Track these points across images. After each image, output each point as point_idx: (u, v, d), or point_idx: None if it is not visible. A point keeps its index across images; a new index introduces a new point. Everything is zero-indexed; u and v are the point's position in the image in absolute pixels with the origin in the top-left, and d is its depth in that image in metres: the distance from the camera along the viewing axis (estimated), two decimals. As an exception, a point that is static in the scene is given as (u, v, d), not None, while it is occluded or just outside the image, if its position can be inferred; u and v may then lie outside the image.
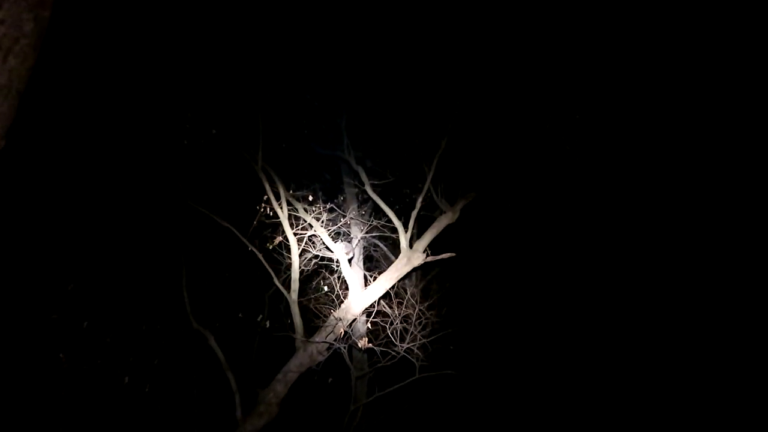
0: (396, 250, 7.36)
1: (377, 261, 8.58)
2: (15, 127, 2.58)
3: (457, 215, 7.05)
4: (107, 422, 7.37)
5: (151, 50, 6.99)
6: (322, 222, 7.22)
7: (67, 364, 7.22)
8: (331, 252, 7.15)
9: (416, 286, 7.64)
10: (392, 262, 7.00)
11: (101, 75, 7.08)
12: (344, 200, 8.35)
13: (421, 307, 7.05)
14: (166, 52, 7.01)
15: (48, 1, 2.56)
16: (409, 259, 6.72)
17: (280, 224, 7.03)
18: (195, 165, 7.44)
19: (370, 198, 7.49)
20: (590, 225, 9.35)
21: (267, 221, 7.26)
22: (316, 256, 7.35)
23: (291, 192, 7.27)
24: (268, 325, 7.37)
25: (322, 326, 6.64)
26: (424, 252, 6.77)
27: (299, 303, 6.80)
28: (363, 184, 7.37)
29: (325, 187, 8.15)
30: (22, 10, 2.44)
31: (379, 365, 6.97)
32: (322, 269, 7.62)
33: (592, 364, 9.63)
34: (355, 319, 6.85)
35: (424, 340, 6.92)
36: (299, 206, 7.19)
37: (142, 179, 7.47)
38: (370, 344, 6.79)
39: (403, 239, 6.82)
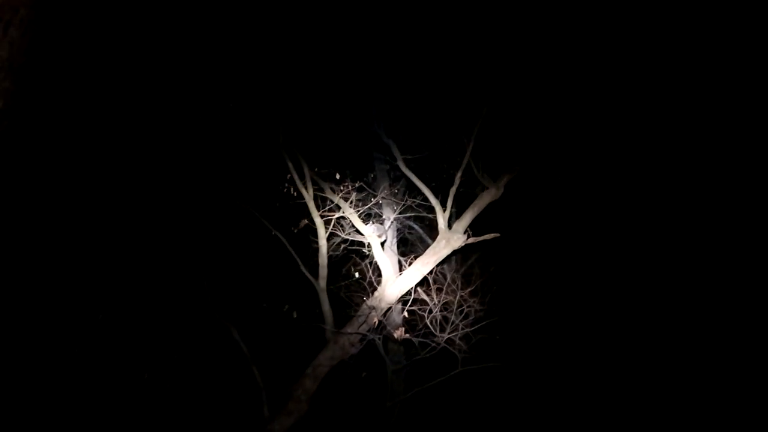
0: (433, 231, 7.31)
1: (412, 244, 8.56)
2: (19, 104, 2.61)
3: (501, 192, 6.96)
4: (127, 420, 7.57)
5: (171, 25, 7.04)
6: (351, 202, 7.21)
7: (82, 359, 7.42)
8: (362, 235, 7.15)
9: (457, 271, 7.60)
10: (429, 245, 6.97)
11: (111, 62, 7.16)
12: (375, 178, 8.33)
13: (463, 294, 7.02)
14: (187, 27, 7.05)
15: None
16: (447, 241, 6.67)
17: (305, 206, 7.05)
18: (212, 145, 7.49)
19: (403, 175, 7.44)
20: (646, 202, 9.33)
21: (291, 203, 7.29)
22: (346, 240, 7.36)
23: (316, 170, 7.27)
24: (295, 316, 7.42)
25: (353, 316, 6.66)
26: (464, 233, 6.71)
27: (328, 291, 6.85)
28: (395, 160, 7.32)
29: (353, 164, 8.11)
30: (21, -23, 2.45)
31: (418, 358, 7.00)
32: (352, 254, 7.64)
33: (652, 353, 9.58)
34: (389, 308, 6.86)
35: (466, 330, 6.91)
36: (325, 186, 7.19)
37: (157, 164, 7.56)
38: (407, 335, 6.81)
39: (441, 219, 6.76)
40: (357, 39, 7.42)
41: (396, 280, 6.72)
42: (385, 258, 6.94)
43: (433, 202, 6.91)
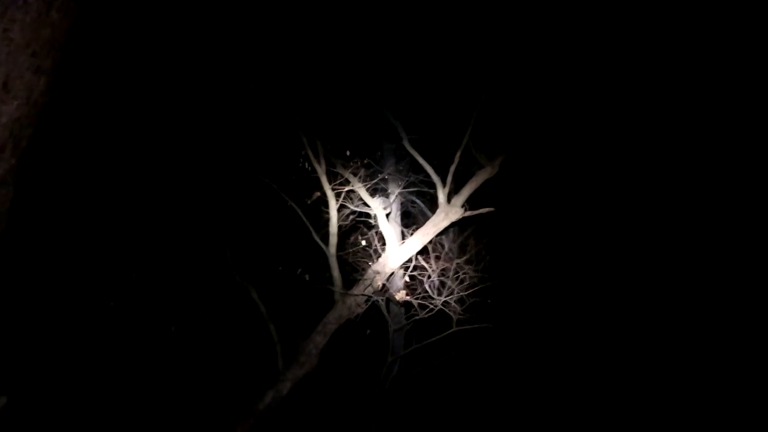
0: (434, 206, 7.35)
1: (414, 217, 8.60)
2: (59, 86, 2.66)
3: (496, 170, 6.96)
4: (154, 369, 7.74)
5: (187, 13, 7.03)
6: (360, 177, 7.25)
7: (116, 312, 7.57)
8: (369, 207, 7.20)
9: (454, 242, 7.65)
10: (429, 218, 7.01)
11: (133, 43, 7.16)
12: (382, 155, 8.34)
13: (459, 262, 7.09)
14: (203, 15, 7.04)
15: (87, -45, 2.60)
16: (446, 213, 6.72)
17: (318, 179, 7.10)
18: (234, 122, 7.53)
19: (408, 153, 7.46)
20: (636, 184, 9.20)
21: (305, 177, 7.34)
22: (354, 212, 7.41)
23: (329, 147, 7.30)
24: (307, 278, 7.53)
25: (360, 279, 6.73)
26: (462, 207, 6.74)
27: (338, 257, 6.91)
28: (401, 140, 7.34)
29: (362, 143, 8.14)
30: (62, -35, 2.48)
31: (417, 318, 7.08)
32: (359, 224, 7.70)
33: (635, 320, 9.57)
34: (392, 273, 6.92)
35: (461, 294, 6.98)
36: (337, 162, 7.23)
37: (183, 138, 7.61)
38: (408, 297, 6.90)
39: (441, 194, 6.80)
40: (368, 30, 7.40)
41: (399, 249, 6.79)
42: (390, 228, 7.00)
43: (434, 178, 6.93)
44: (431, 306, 6.92)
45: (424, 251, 6.97)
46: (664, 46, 7.28)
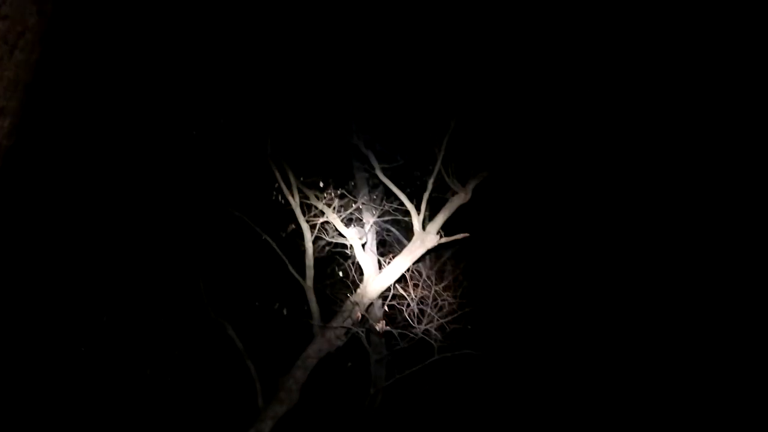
0: (409, 233, 7.34)
1: (390, 245, 8.56)
2: (24, 123, 2.58)
3: (469, 195, 7.01)
4: (130, 414, 7.47)
5: (158, 45, 6.99)
6: (334, 208, 7.23)
7: (88, 357, 7.32)
8: (344, 238, 7.16)
9: (431, 268, 7.62)
10: (405, 246, 6.99)
11: (107, 71, 7.10)
12: (355, 185, 8.32)
13: (437, 288, 7.05)
14: (174, 47, 7.01)
15: (50, -6, 2.56)
16: (422, 241, 6.71)
17: (292, 212, 7.04)
18: (205, 156, 7.46)
19: (380, 182, 7.47)
20: (608, 201, 9.27)
21: (279, 209, 7.28)
22: (330, 243, 7.37)
23: (301, 179, 7.27)
24: (285, 313, 7.40)
25: (338, 311, 6.66)
26: (437, 233, 6.75)
27: (315, 289, 6.83)
28: (373, 169, 7.35)
29: (335, 173, 8.12)
30: (25, 5, 2.43)
31: (398, 348, 7.00)
32: (336, 255, 7.64)
33: (612, 346, 9.56)
34: (371, 303, 6.86)
35: (441, 321, 6.93)
36: (310, 193, 7.20)
37: (153, 173, 7.50)
38: (388, 327, 6.82)
39: (416, 221, 6.80)
40: (335, 58, 7.44)
41: (376, 278, 6.74)
42: (366, 258, 6.96)
43: (409, 206, 6.94)
44: (412, 335, 6.85)
45: (401, 279, 6.92)
46: (640, 75, 7.38)
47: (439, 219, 6.90)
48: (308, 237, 6.93)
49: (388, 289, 6.83)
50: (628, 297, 9.64)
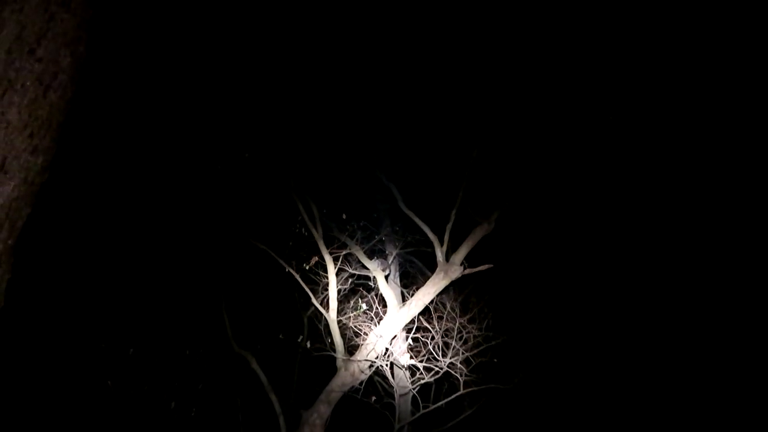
0: (432, 265, 7.30)
1: (413, 277, 8.52)
2: (57, 159, 2.65)
3: (492, 226, 6.96)
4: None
5: (187, 79, 7.17)
6: (357, 240, 7.24)
7: (114, 390, 7.34)
8: (367, 270, 7.14)
9: (455, 300, 7.54)
10: (429, 277, 6.94)
11: (137, 103, 7.27)
12: (377, 217, 8.35)
13: (462, 321, 6.97)
14: (202, 82, 7.18)
15: (83, 37, 2.64)
16: (446, 272, 6.66)
17: (315, 244, 7.07)
18: (229, 190, 7.56)
19: (403, 214, 7.47)
20: (634, 229, 9.19)
21: (302, 242, 7.31)
22: (353, 275, 7.35)
23: (324, 212, 7.31)
24: (308, 346, 7.37)
25: (362, 344, 6.60)
26: (461, 265, 6.70)
27: (338, 322, 6.80)
28: (396, 201, 7.36)
29: (357, 205, 8.17)
30: (59, 47, 2.52)
31: (423, 381, 6.89)
32: (359, 287, 7.61)
33: (641, 379, 9.36)
34: (395, 336, 6.80)
35: (466, 354, 6.83)
36: (333, 225, 7.23)
37: (180, 207, 7.62)
38: (412, 360, 6.73)
39: (439, 253, 6.76)
40: (358, 93, 7.56)
41: (400, 310, 6.69)
42: (389, 290, 6.92)
43: (431, 237, 6.91)
44: (436, 368, 6.75)
45: (425, 312, 6.86)
46: (649, 94, 7.38)
47: (463, 250, 6.84)
48: (331, 269, 6.92)
49: (412, 322, 6.76)
50: (656, 329, 9.49)
